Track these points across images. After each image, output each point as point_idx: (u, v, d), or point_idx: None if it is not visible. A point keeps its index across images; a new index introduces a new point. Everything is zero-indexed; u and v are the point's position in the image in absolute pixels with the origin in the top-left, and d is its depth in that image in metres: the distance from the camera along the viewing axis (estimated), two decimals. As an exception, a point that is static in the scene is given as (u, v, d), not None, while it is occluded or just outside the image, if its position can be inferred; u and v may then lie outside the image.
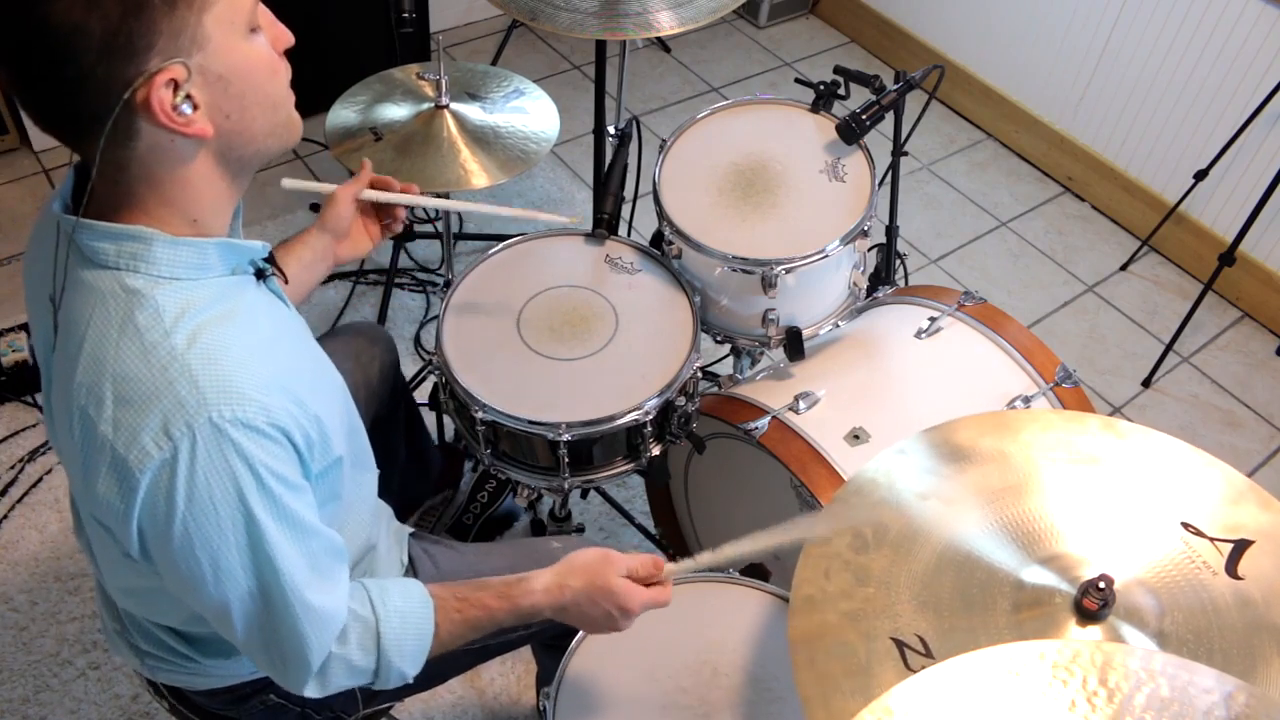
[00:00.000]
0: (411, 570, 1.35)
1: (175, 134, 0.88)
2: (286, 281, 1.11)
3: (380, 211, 1.43)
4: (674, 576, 1.18)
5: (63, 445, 0.95)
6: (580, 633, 1.33)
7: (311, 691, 1.04)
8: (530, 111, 1.98)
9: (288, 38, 0.96)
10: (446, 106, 1.93)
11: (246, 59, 0.90)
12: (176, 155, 0.90)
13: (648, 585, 1.15)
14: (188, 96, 0.86)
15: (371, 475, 1.25)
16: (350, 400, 1.15)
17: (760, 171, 1.69)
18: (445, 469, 2.04)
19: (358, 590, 1.08)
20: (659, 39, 3.48)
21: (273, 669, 1.04)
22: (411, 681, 1.11)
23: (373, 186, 1.38)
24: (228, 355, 0.90)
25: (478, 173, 1.84)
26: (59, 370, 0.94)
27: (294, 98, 0.97)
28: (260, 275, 1.03)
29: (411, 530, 1.39)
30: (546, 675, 1.36)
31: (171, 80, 0.85)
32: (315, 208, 2.69)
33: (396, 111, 1.94)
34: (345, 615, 1.03)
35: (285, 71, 0.96)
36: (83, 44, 0.81)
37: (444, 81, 1.91)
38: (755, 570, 1.59)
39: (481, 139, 1.90)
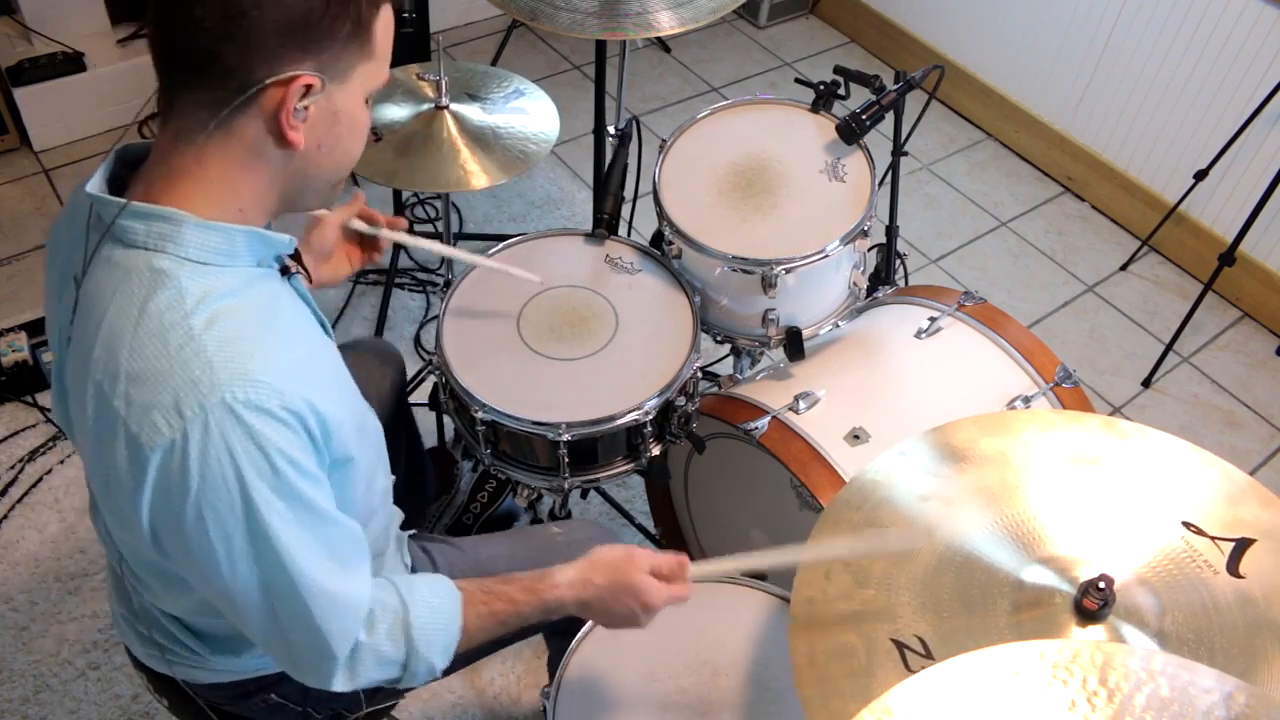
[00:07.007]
0: (412, 572, 1.34)
1: (275, 133, 0.92)
2: (311, 281, 1.12)
3: (364, 241, 1.47)
4: (696, 579, 1.18)
5: (76, 423, 0.95)
6: (581, 630, 1.33)
7: (340, 685, 1.03)
8: (530, 112, 1.98)
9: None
10: (446, 107, 1.92)
11: (358, 114, 0.97)
12: (259, 151, 0.93)
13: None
14: (306, 108, 0.91)
15: (387, 481, 1.24)
16: (366, 405, 1.15)
17: (760, 171, 1.69)
18: (439, 477, 2.04)
19: (384, 583, 1.08)
20: (659, 39, 3.48)
21: (292, 663, 1.02)
22: (440, 675, 1.11)
23: (361, 217, 1.42)
24: (246, 339, 0.91)
25: (478, 173, 1.84)
26: (76, 346, 0.94)
27: None
28: (285, 271, 1.03)
29: (411, 532, 1.39)
30: (559, 659, 1.36)
31: (308, 87, 0.89)
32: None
33: (396, 112, 1.94)
34: (369, 601, 1.03)
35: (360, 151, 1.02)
36: (278, 10, 0.85)
37: (444, 82, 1.91)
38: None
39: (481, 139, 1.90)
